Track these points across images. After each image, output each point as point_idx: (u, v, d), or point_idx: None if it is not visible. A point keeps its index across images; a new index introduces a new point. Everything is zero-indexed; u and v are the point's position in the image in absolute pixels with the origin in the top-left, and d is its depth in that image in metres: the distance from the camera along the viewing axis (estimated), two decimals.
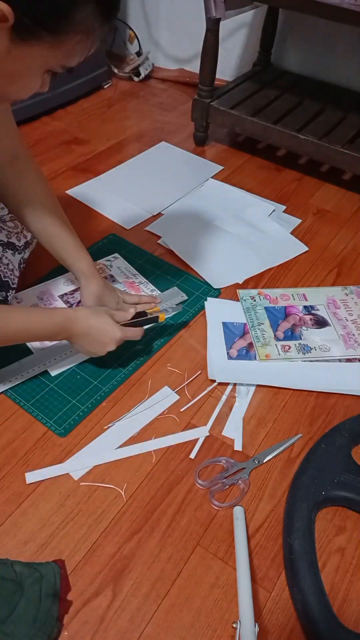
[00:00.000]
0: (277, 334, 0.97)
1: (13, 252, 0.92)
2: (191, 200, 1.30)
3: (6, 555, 0.67)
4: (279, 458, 0.80)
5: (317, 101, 1.47)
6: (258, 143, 1.46)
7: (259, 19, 1.58)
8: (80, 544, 0.69)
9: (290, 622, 0.65)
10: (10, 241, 0.92)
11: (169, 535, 0.71)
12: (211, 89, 1.41)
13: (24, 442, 0.79)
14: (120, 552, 0.69)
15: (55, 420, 0.82)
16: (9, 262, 0.90)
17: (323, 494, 0.73)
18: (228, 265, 1.12)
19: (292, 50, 1.64)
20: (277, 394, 0.89)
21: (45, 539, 0.70)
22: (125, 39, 1.89)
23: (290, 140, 1.34)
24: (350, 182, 1.36)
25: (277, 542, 0.71)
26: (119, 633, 0.63)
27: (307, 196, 1.35)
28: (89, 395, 0.86)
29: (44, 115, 1.60)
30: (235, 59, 1.74)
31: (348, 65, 1.55)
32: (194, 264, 1.11)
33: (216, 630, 0.63)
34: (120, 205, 1.27)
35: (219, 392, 0.88)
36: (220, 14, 1.24)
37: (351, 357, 0.94)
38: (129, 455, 0.79)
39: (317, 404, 0.88)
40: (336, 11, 1.09)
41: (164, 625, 0.63)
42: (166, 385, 0.88)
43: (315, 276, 1.12)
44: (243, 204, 1.30)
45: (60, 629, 0.62)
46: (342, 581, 0.68)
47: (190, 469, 0.78)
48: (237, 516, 0.72)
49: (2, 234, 0.91)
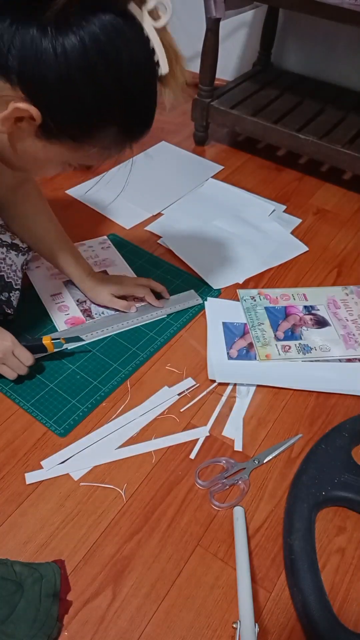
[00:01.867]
0: (277, 334, 0.97)
1: (17, 253, 0.92)
2: (191, 200, 1.30)
3: (6, 555, 0.67)
4: (279, 458, 0.80)
5: (317, 101, 1.47)
6: (258, 143, 1.46)
7: (259, 19, 1.58)
8: (80, 544, 0.69)
9: (290, 622, 0.64)
10: (14, 242, 0.92)
11: (169, 536, 0.71)
12: (211, 88, 1.41)
13: (24, 442, 0.79)
14: (120, 552, 0.69)
15: (55, 420, 0.82)
16: (13, 262, 0.90)
17: (323, 494, 0.73)
18: (228, 265, 1.12)
19: (292, 50, 1.63)
20: (277, 394, 0.89)
21: (45, 539, 0.70)
22: None
23: (290, 140, 1.34)
24: (350, 182, 1.35)
25: (277, 543, 0.71)
26: (119, 633, 0.62)
27: (307, 196, 1.35)
28: (89, 395, 0.86)
29: None
30: (235, 59, 1.74)
31: (348, 65, 1.55)
32: (194, 264, 1.11)
33: (216, 630, 0.63)
34: (120, 205, 1.27)
35: (219, 392, 0.88)
36: (220, 14, 1.24)
37: (351, 357, 0.94)
38: (128, 455, 0.79)
39: (317, 404, 0.88)
40: (336, 11, 1.09)
41: (164, 626, 0.63)
42: (166, 386, 0.88)
43: (316, 276, 1.12)
44: (243, 203, 1.30)
45: (60, 629, 0.62)
46: (342, 581, 0.68)
47: (190, 469, 0.78)
48: (237, 516, 0.72)
49: (6, 235, 0.91)
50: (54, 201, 1.26)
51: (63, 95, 0.53)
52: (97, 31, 0.51)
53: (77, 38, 0.51)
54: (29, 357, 0.83)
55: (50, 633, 0.60)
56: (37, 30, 0.50)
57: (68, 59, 0.51)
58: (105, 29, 0.52)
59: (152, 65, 0.57)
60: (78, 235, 1.13)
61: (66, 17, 0.50)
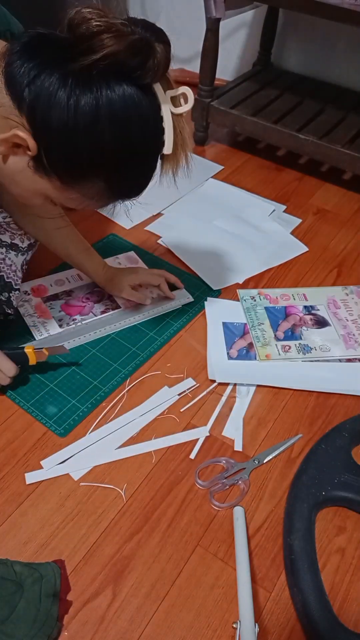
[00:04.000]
0: (277, 334, 0.97)
1: (16, 253, 0.92)
2: (191, 200, 1.30)
3: (6, 555, 0.67)
4: (279, 458, 0.80)
5: (317, 101, 1.47)
6: (258, 143, 1.46)
7: (259, 19, 1.58)
8: (80, 544, 0.69)
9: (290, 622, 0.64)
10: (13, 242, 0.92)
11: (169, 536, 0.71)
12: (211, 88, 1.41)
13: (24, 442, 0.79)
14: (120, 552, 0.69)
15: (55, 420, 0.82)
16: (12, 263, 0.90)
17: (323, 494, 0.73)
18: (228, 265, 1.12)
19: (292, 50, 1.63)
20: (277, 394, 0.89)
21: (45, 539, 0.70)
22: None
23: (290, 140, 1.34)
24: (350, 182, 1.35)
25: (277, 543, 0.71)
26: (119, 633, 0.62)
27: (307, 196, 1.35)
28: (89, 395, 0.86)
29: None
30: (235, 59, 1.74)
31: (348, 65, 1.55)
32: (194, 265, 1.11)
33: (216, 630, 0.63)
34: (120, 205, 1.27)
35: (219, 392, 0.88)
36: (220, 14, 1.24)
37: (351, 357, 0.94)
38: (128, 455, 0.79)
39: (317, 404, 0.88)
40: (336, 11, 1.09)
41: (164, 626, 0.63)
42: (166, 385, 0.88)
43: (316, 276, 1.12)
44: (243, 203, 1.30)
45: (60, 629, 0.62)
46: (342, 581, 0.68)
47: (190, 469, 0.78)
48: (237, 516, 0.72)
49: (5, 235, 0.91)
50: None
51: (62, 141, 0.57)
52: (116, 99, 0.55)
53: (93, 98, 0.54)
54: (11, 367, 0.80)
55: (50, 633, 0.60)
56: (58, 77, 0.54)
57: (77, 113, 0.54)
58: (123, 99, 0.55)
59: (158, 144, 0.61)
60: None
61: (89, 74, 0.54)
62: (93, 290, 1.03)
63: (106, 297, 1.02)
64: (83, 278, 1.05)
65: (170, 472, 0.78)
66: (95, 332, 0.94)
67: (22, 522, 0.71)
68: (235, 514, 0.72)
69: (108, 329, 0.95)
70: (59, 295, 1.01)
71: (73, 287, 1.03)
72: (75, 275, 1.06)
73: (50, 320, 0.96)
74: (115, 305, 1.00)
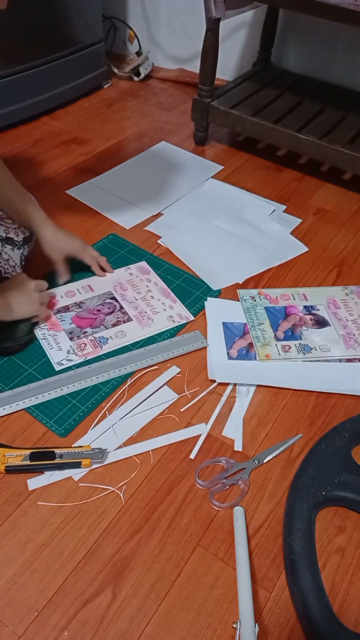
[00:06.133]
0: (277, 334, 0.97)
1: (12, 247, 0.92)
2: (191, 200, 1.30)
3: (7, 555, 0.67)
4: (279, 458, 0.80)
5: (317, 101, 1.47)
6: (258, 143, 1.46)
7: (259, 19, 1.58)
8: (80, 544, 0.69)
9: (290, 622, 0.64)
10: (8, 236, 0.92)
11: (168, 536, 0.71)
12: (211, 88, 1.41)
13: (24, 442, 0.79)
14: (120, 552, 0.69)
15: (55, 420, 0.82)
16: (9, 257, 0.91)
17: (323, 494, 0.73)
18: (228, 265, 1.12)
19: (292, 50, 1.63)
20: (277, 394, 0.89)
21: (45, 539, 0.70)
22: (125, 38, 1.89)
23: (290, 140, 1.34)
24: (350, 182, 1.35)
25: (277, 543, 0.71)
26: (119, 633, 0.62)
27: (307, 196, 1.35)
28: (89, 395, 0.86)
29: (43, 115, 1.60)
30: (235, 58, 1.74)
31: (348, 65, 1.55)
32: (194, 265, 1.11)
33: (216, 630, 0.63)
34: (120, 205, 1.27)
35: (219, 392, 0.88)
36: (220, 14, 1.24)
37: (351, 357, 0.94)
38: (128, 455, 0.79)
39: (317, 404, 0.88)
40: (336, 11, 1.09)
41: (164, 626, 0.63)
42: (166, 385, 0.88)
43: (316, 276, 1.12)
44: (243, 204, 1.30)
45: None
46: (342, 581, 0.68)
47: (190, 469, 0.78)
48: (237, 516, 0.72)
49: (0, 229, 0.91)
50: (54, 201, 1.26)
51: None
52: None
53: None
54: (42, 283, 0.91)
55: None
56: None
57: None
58: None
59: None
60: (78, 235, 1.13)
61: None
62: (104, 302, 1.01)
63: (118, 308, 1.00)
64: (94, 289, 1.03)
65: (170, 472, 0.78)
66: (120, 369, 0.89)
67: (22, 522, 0.71)
68: (235, 514, 0.72)
69: (129, 368, 0.89)
70: (70, 307, 0.99)
71: (84, 298, 1.01)
72: (86, 286, 1.03)
73: (60, 332, 0.94)
74: (127, 317, 0.98)
